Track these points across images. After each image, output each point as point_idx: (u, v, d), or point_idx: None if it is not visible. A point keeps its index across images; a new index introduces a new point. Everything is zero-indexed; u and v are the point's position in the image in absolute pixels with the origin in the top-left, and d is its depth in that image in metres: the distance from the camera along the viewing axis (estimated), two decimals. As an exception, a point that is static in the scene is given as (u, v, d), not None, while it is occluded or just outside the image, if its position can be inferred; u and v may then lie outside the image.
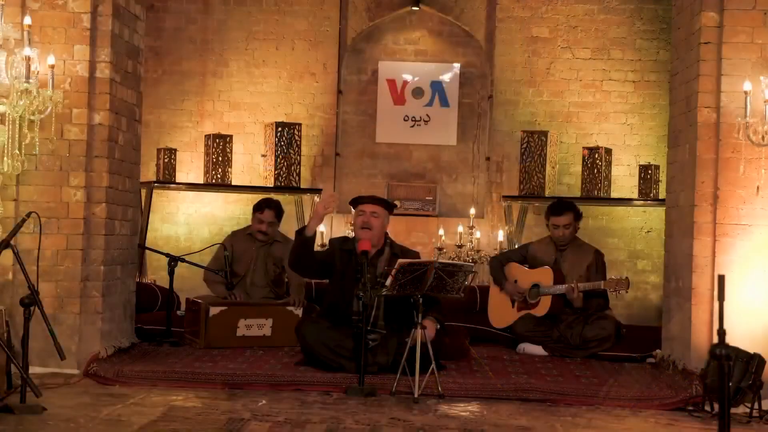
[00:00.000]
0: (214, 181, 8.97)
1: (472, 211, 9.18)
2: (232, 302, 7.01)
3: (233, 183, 9.16)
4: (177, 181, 9.16)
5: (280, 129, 8.94)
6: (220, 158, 8.96)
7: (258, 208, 7.41)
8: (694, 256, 5.76)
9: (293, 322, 6.51)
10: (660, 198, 8.59)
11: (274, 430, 4.56)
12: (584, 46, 9.56)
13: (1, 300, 5.65)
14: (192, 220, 9.66)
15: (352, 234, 6.99)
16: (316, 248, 8.71)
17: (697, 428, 5.00)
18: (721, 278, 3.82)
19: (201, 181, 9.20)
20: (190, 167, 9.59)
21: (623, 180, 9.38)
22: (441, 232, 9.14)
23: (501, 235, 9.01)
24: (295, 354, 6.32)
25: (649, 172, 8.89)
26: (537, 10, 9.60)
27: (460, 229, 8.84)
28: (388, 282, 5.56)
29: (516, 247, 8.33)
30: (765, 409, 5.14)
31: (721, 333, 3.72)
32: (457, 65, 9.95)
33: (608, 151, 8.89)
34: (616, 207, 9.35)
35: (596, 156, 8.81)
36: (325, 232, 9.18)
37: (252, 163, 9.62)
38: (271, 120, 9.24)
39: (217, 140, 8.97)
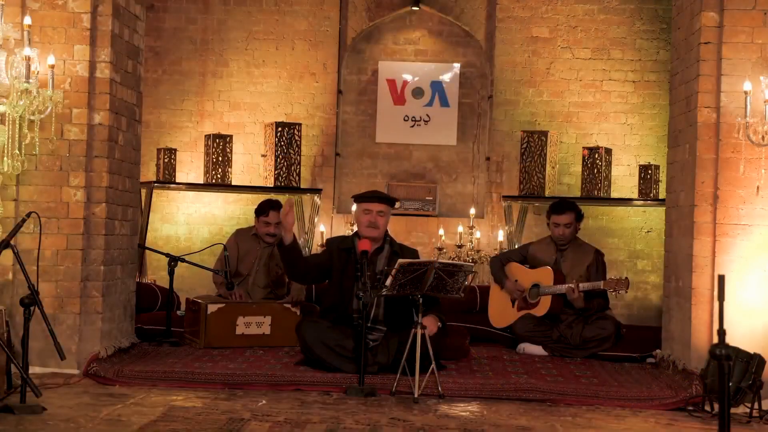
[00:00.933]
0: (214, 181, 8.97)
1: (472, 211, 9.18)
2: (231, 300, 7.01)
3: (233, 183, 9.16)
4: (177, 181, 9.16)
5: (280, 129, 8.93)
6: (220, 158, 8.95)
7: (262, 211, 7.35)
8: (694, 256, 5.76)
9: (292, 320, 6.51)
10: (660, 198, 8.59)
11: (274, 430, 4.55)
12: (584, 46, 9.56)
13: (1, 300, 5.65)
14: (192, 220, 9.66)
15: (353, 230, 6.97)
16: (316, 248, 8.77)
17: (697, 428, 5.00)
18: (721, 278, 3.82)
19: (201, 181, 9.20)
20: (190, 167, 9.59)
21: (623, 180, 9.37)
22: (441, 232, 9.15)
23: (501, 235, 9.01)
24: (295, 354, 6.32)
25: (649, 172, 8.89)
26: (537, 10, 9.59)
27: (460, 229, 8.84)
28: (388, 282, 5.56)
29: (516, 247, 8.33)
30: (765, 409, 5.14)
31: (721, 333, 3.72)
32: (457, 65, 9.94)
33: (608, 151, 8.89)
34: (616, 207, 9.34)
35: (596, 156, 8.80)
36: (325, 231, 9.18)
37: (252, 163, 9.62)
38: (271, 120, 9.24)
39: (217, 140, 8.97)
